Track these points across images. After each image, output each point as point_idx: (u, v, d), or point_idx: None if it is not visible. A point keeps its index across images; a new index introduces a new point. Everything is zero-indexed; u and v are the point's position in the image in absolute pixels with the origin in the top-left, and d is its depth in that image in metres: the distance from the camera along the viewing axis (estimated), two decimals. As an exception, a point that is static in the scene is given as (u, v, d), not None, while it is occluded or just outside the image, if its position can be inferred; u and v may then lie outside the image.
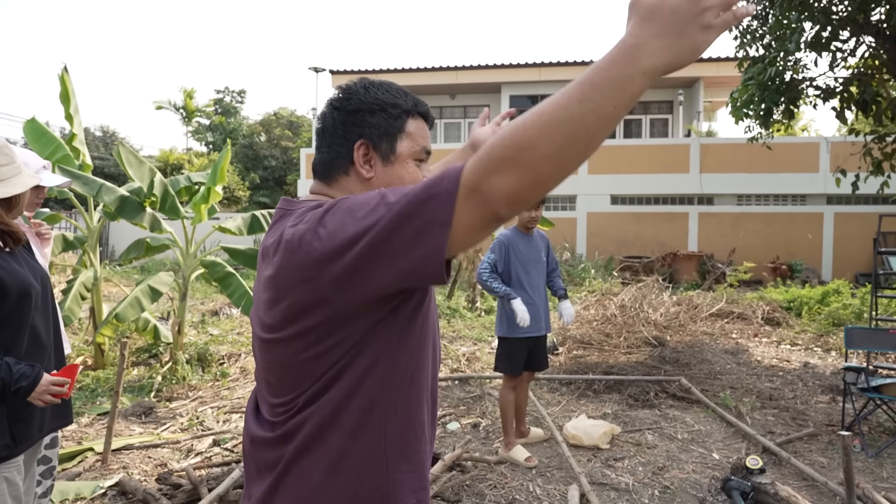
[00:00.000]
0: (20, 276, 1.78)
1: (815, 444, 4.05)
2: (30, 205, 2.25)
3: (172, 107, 24.77)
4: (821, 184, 14.15)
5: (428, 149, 1.12)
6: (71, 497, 2.92)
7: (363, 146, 1.06)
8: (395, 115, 1.07)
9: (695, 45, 0.75)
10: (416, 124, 1.10)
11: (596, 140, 0.78)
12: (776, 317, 8.73)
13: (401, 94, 1.09)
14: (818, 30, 7.09)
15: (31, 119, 5.13)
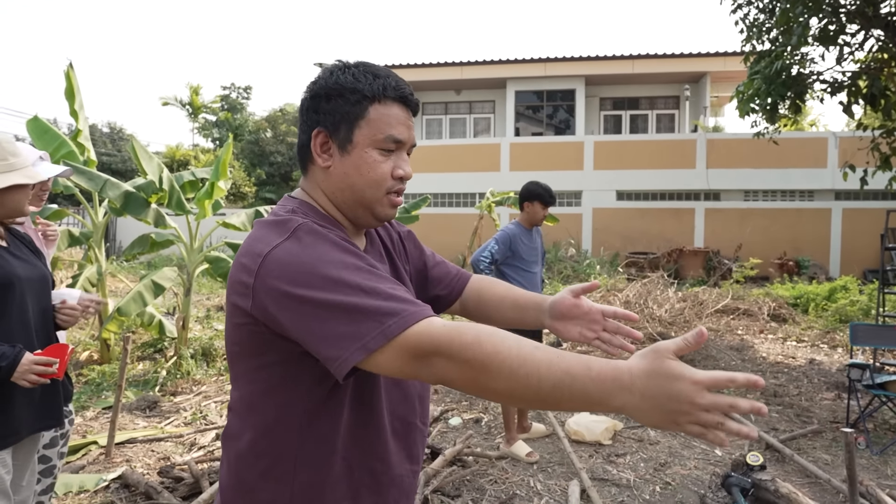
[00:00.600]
0: (4, 269, 1.79)
1: (819, 441, 4.03)
2: (34, 199, 2.27)
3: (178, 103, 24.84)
4: (829, 179, 14.04)
5: (396, 137, 1.00)
6: (75, 489, 2.94)
7: (320, 134, 1.01)
8: (354, 101, 0.99)
9: (675, 427, 0.76)
10: (382, 110, 0.99)
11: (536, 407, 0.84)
12: (782, 313, 8.68)
13: (367, 77, 1.00)
14: (826, 23, 7.03)
15: (34, 117, 5.15)
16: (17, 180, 1.81)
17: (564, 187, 15.26)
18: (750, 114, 7.89)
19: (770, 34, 7.60)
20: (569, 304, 1.15)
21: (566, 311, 1.16)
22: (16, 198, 1.85)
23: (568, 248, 14.48)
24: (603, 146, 15.68)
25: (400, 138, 1.01)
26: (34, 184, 1.97)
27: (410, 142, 1.04)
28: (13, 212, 1.88)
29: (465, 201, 16.25)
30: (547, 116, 18.23)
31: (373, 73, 1.01)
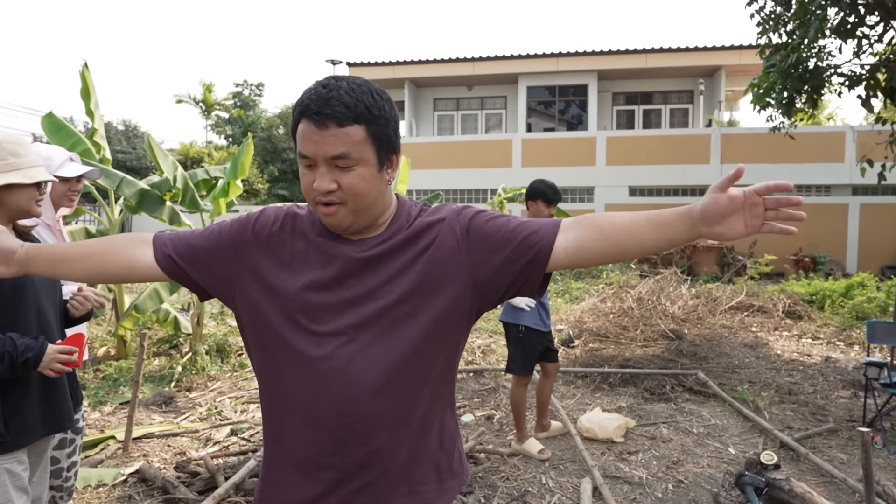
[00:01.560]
0: None
1: (834, 440, 3.99)
2: (62, 198, 2.29)
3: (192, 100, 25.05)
4: (846, 174, 13.84)
5: (302, 153, 1.03)
6: (93, 483, 3.00)
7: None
8: (295, 118, 1.05)
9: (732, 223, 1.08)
10: (302, 127, 1.03)
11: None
12: (798, 310, 8.58)
13: (304, 95, 1.03)
14: (844, 15, 6.91)
15: (48, 114, 5.21)
16: (12, 180, 1.78)
17: (576, 183, 15.19)
18: (766, 108, 7.79)
19: (786, 27, 7.48)
20: (724, 202, 1.07)
21: (724, 209, 1.07)
22: (17, 198, 1.82)
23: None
24: (615, 141, 15.58)
25: (305, 153, 1.03)
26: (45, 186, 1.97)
27: (318, 157, 1.02)
28: (18, 212, 1.86)
29: (476, 197, 16.23)
30: (559, 112, 18.13)
31: (310, 90, 1.03)
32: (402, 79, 17.91)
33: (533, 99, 17.93)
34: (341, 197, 1.04)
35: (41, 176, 1.87)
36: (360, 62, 17.90)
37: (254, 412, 4.40)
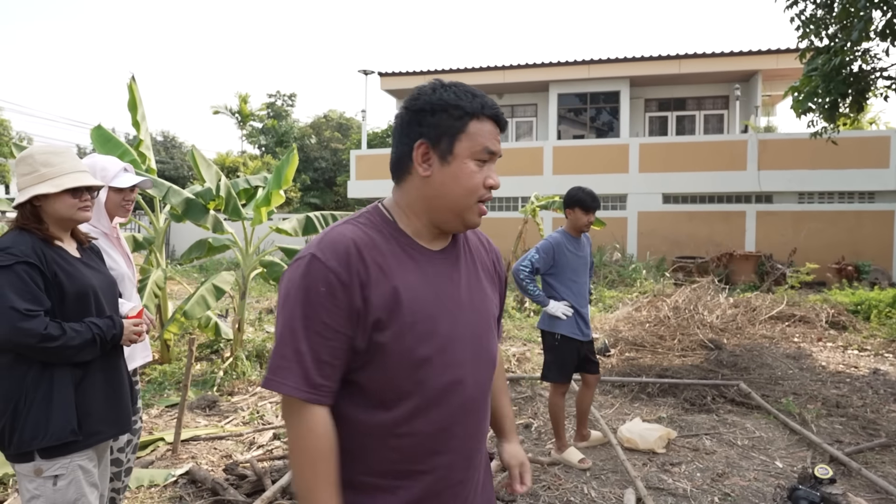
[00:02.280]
0: (79, 280, 1.88)
1: (888, 456, 3.85)
2: (118, 207, 2.39)
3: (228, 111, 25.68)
4: (891, 180, 13.38)
5: (491, 149, 1.12)
6: (145, 483, 3.09)
7: (423, 145, 1.10)
8: (457, 116, 1.09)
9: None
10: (480, 126, 1.10)
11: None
12: (842, 320, 8.31)
13: (467, 96, 1.11)
14: (890, 17, 6.73)
15: (97, 126, 5.42)
16: (40, 191, 1.83)
17: (609, 191, 15.04)
18: (807, 113, 7.62)
19: (828, 30, 7.32)
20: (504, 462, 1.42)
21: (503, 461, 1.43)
22: (55, 207, 1.87)
23: (613, 252, 14.25)
24: (648, 148, 15.38)
25: (493, 149, 1.13)
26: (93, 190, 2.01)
27: (500, 154, 1.16)
28: (63, 220, 1.91)
29: (508, 205, 16.21)
30: (590, 119, 18.01)
31: (471, 92, 1.13)
32: (432, 88, 18.05)
33: (563, 106, 17.86)
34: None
35: (70, 183, 1.88)
36: (392, 72, 18.11)
37: (294, 417, 4.48)
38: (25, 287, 1.74)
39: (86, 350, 1.82)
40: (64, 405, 1.78)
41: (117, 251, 2.39)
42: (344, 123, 28.36)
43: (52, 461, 1.79)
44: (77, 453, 1.82)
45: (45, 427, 1.75)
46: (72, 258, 1.91)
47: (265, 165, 22.99)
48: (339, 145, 26.24)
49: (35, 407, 1.76)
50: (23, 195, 1.84)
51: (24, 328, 1.70)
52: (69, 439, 1.78)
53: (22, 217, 1.85)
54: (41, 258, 1.79)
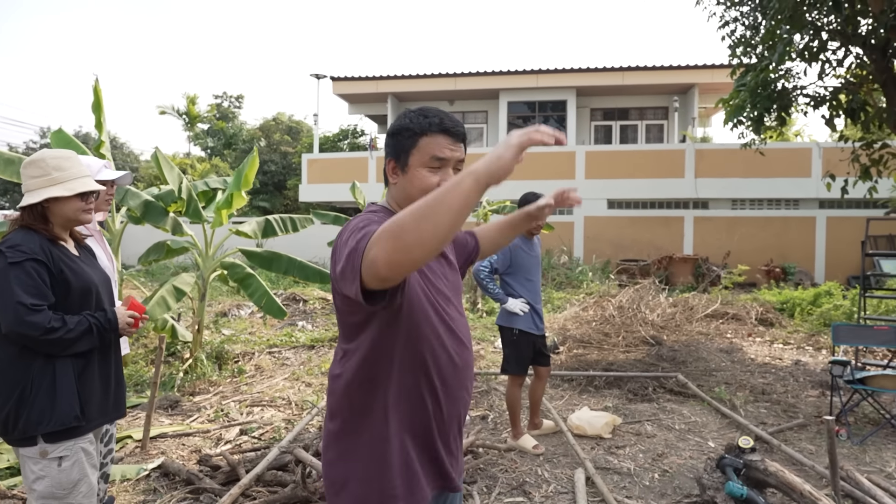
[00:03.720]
0: (83, 276, 2.02)
1: (804, 434, 4.32)
2: (101, 203, 2.49)
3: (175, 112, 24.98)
4: (813, 188, 14.48)
5: (439, 156, 1.38)
6: (117, 479, 3.15)
7: (391, 161, 1.44)
8: (408, 136, 1.39)
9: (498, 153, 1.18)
10: (430, 140, 1.38)
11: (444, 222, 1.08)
12: (769, 317, 9.01)
13: (418, 119, 1.39)
14: (808, 41, 7.41)
15: (58, 130, 5.35)
16: (54, 193, 1.97)
17: (557, 196, 15.59)
18: (737, 125, 8.25)
19: (756, 49, 7.97)
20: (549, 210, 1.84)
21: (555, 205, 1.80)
22: (63, 209, 2.01)
23: (561, 255, 14.79)
24: (594, 156, 16.06)
25: (441, 156, 1.39)
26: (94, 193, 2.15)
27: (453, 159, 1.40)
28: (68, 222, 2.05)
29: (459, 209, 16.53)
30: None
31: (423, 114, 1.40)
32: (385, 93, 18.22)
33: (513, 114, 18.38)
34: None
35: (82, 187, 2.04)
36: (344, 76, 18.16)
37: (259, 413, 4.58)
38: (33, 283, 1.85)
39: (83, 340, 1.94)
40: (68, 393, 1.90)
41: (101, 248, 2.49)
42: (294, 126, 28.06)
43: (57, 444, 1.90)
44: (81, 437, 1.94)
45: (51, 413, 1.87)
46: (74, 256, 2.03)
47: (213, 168, 22.50)
48: (289, 148, 25.94)
49: (41, 394, 1.87)
50: (34, 196, 1.95)
51: (30, 321, 1.81)
52: (73, 424, 1.90)
53: (29, 217, 1.96)
54: (48, 256, 1.91)
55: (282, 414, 4.58)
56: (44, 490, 1.87)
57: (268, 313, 5.61)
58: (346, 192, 14.18)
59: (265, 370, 5.95)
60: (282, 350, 6.80)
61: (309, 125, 27.55)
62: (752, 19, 7.90)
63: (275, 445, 3.44)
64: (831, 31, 7.21)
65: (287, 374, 5.78)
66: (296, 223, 6.13)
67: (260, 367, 6.04)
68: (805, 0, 6.73)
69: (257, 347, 6.73)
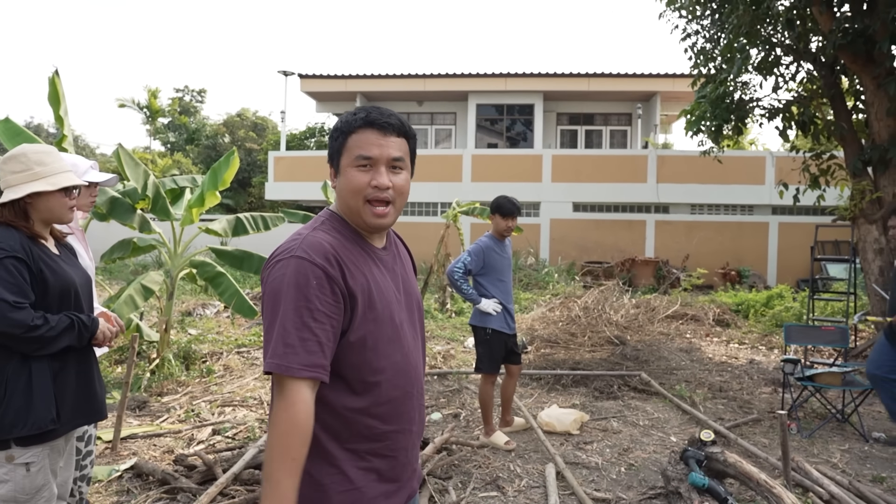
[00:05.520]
0: (62, 276, 2.00)
1: (758, 428, 4.56)
2: (85, 204, 2.47)
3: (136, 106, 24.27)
4: (767, 195, 15.12)
5: (365, 155, 1.26)
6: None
7: (330, 167, 1.35)
8: (336, 138, 1.31)
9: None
10: (357, 138, 1.27)
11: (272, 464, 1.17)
12: (726, 318, 9.40)
13: (346, 118, 1.31)
14: (763, 55, 7.78)
15: (5, 119, 5.15)
16: (37, 188, 1.93)
17: (523, 198, 15.84)
18: (697, 133, 8.60)
19: (715, 62, 8.33)
20: None
21: None
22: (47, 205, 1.98)
23: (528, 257, 15.03)
24: (560, 159, 16.38)
25: (368, 155, 1.27)
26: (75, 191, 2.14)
27: (382, 157, 1.27)
28: (52, 217, 2.02)
29: (428, 210, 16.62)
30: (506, 129, 18.85)
31: (353, 112, 1.31)
32: (354, 92, 18.15)
33: (482, 116, 18.57)
34: (392, 196, 1.29)
35: (66, 182, 2.01)
36: (312, 74, 18.01)
37: (231, 413, 4.55)
38: (14, 280, 1.83)
39: (64, 337, 1.92)
40: (45, 395, 1.87)
41: (83, 247, 2.47)
42: (259, 123, 27.65)
43: (27, 449, 1.88)
44: (51, 442, 1.93)
45: (26, 416, 1.83)
46: (54, 255, 2.01)
47: (175, 164, 21.96)
48: (254, 145, 25.56)
49: (16, 396, 1.84)
50: (15, 192, 1.91)
51: (13, 319, 1.80)
52: (49, 428, 1.87)
53: (10, 213, 1.92)
54: (28, 254, 1.88)
55: (255, 413, 4.56)
56: (5, 494, 1.84)
57: (238, 312, 5.57)
58: (313, 190, 14.08)
59: (234, 370, 5.90)
60: (251, 350, 6.75)
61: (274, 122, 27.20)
62: (712, 33, 8.24)
63: (250, 444, 3.44)
64: (785, 47, 7.61)
65: (257, 374, 5.75)
66: (267, 221, 6.10)
67: (229, 366, 5.98)
68: (761, 16, 7.07)
69: (225, 347, 6.66)
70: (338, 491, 1.25)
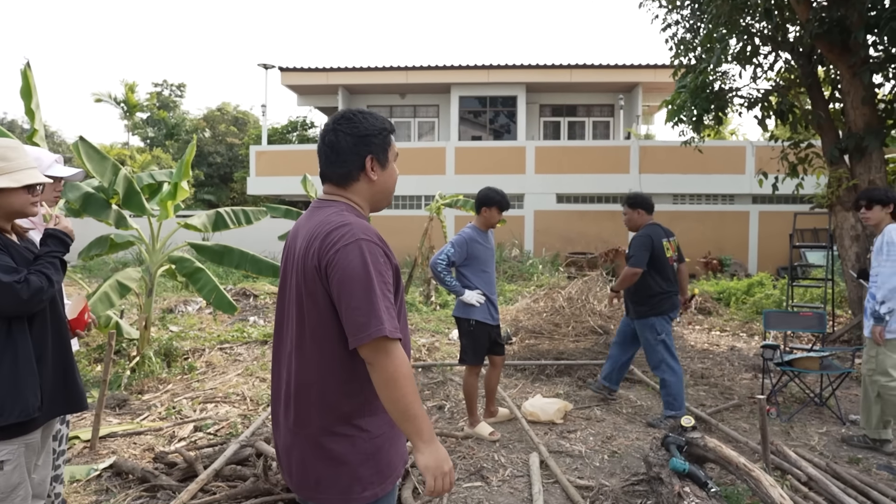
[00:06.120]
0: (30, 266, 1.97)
1: (739, 414, 4.62)
2: (49, 200, 2.41)
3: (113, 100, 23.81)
4: (747, 184, 15.30)
5: (397, 152, 1.65)
6: (66, 480, 3.05)
7: (371, 159, 1.55)
8: (386, 136, 1.58)
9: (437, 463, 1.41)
10: (392, 138, 1.61)
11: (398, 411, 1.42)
12: (707, 306, 9.51)
13: (384, 120, 1.59)
14: (742, 45, 7.83)
15: None
16: (1, 184, 1.89)
17: (507, 190, 15.53)
18: (678, 124, 8.65)
19: (695, 52, 8.37)
20: None
21: None
22: (10, 200, 1.94)
23: (512, 248, 15.06)
24: (543, 151, 16.41)
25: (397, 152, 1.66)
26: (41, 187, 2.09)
27: None
28: (13, 213, 1.97)
29: (411, 203, 16.56)
30: (489, 121, 18.82)
31: (382, 116, 1.61)
32: (335, 85, 17.99)
33: (464, 108, 18.52)
34: None
35: (30, 179, 1.97)
36: (293, 67, 17.80)
37: (212, 410, 4.50)
38: (4, 262, 1.82)
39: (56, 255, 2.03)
40: (32, 381, 1.85)
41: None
42: (240, 117, 27.28)
43: (1, 445, 1.84)
44: (30, 434, 1.89)
45: (13, 403, 1.81)
46: (22, 248, 1.97)
47: (155, 159, 21.62)
48: (236, 140, 25.24)
49: (2, 382, 1.81)
50: None
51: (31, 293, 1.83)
52: (34, 415, 1.85)
53: None
54: (2, 245, 1.86)
55: (237, 410, 4.52)
56: None
57: (218, 308, 5.51)
58: (295, 185, 13.94)
59: (217, 367, 5.84)
60: (233, 346, 6.68)
61: (255, 116, 26.89)
62: (692, 23, 8.28)
63: (232, 440, 3.41)
64: (763, 37, 7.67)
65: (240, 370, 5.70)
66: (249, 216, 6.03)
67: (211, 363, 5.92)
68: (739, 6, 7.11)
69: (207, 344, 6.59)
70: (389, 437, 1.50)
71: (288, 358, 1.51)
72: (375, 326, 1.34)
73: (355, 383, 1.45)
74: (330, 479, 1.44)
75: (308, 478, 1.47)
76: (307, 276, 1.44)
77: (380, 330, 1.34)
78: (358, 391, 1.46)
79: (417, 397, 1.40)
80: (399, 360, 1.38)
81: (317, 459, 1.45)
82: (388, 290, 1.41)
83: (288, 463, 1.52)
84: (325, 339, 1.44)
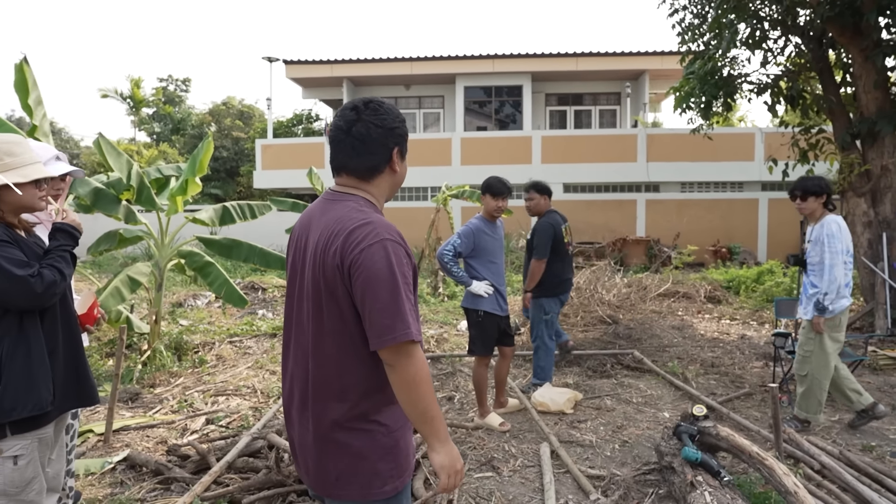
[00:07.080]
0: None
1: (750, 402, 4.60)
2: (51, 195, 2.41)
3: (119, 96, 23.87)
4: (756, 172, 15.15)
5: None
6: (81, 473, 3.09)
7: (397, 151, 1.55)
8: (405, 126, 1.59)
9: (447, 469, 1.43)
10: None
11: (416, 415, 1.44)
12: (717, 295, 9.45)
13: (400, 114, 1.59)
14: (752, 30, 7.72)
15: None
16: (10, 180, 1.89)
17: (513, 180, 15.59)
18: (686, 111, 8.55)
19: (703, 37, 8.26)
20: None
21: None
22: (17, 196, 1.94)
23: (519, 239, 15.02)
24: (549, 141, 16.31)
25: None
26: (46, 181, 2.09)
27: None
28: (20, 208, 1.98)
29: (417, 195, 16.54)
30: (494, 111, 18.72)
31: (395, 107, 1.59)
32: (340, 77, 17.94)
33: (470, 99, 18.42)
34: None
35: (36, 174, 1.97)
36: (297, 60, 17.76)
37: (224, 403, 4.53)
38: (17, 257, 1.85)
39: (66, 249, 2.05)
40: (44, 375, 1.86)
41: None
42: (245, 111, 27.28)
43: (14, 440, 1.85)
44: (43, 428, 1.91)
45: (26, 397, 1.82)
46: (31, 243, 1.98)
47: (161, 154, 21.69)
48: (241, 134, 25.25)
49: (15, 377, 1.82)
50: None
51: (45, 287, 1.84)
52: (48, 409, 1.86)
53: None
54: (12, 238, 1.87)
55: (248, 402, 4.55)
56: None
57: (228, 302, 5.53)
58: (301, 178, 13.95)
59: (227, 360, 5.87)
60: (243, 339, 6.72)
61: (261, 110, 26.87)
62: (700, 8, 8.16)
63: (244, 433, 3.43)
64: (772, 21, 7.55)
65: (250, 363, 5.73)
66: (254, 210, 6.03)
67: (221, 356, 5.95)
68: (749, -10, 7.00)
69: (217, 337, 6.62)
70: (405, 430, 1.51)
71: (303, 354, 1.48)
72: (402, 330, 1.34)
73: (374, 380, 1.44)
74: (350, 475, 1.43)
75: (327, 474, 1.45)
76: (327, 274, 1.40)
77: (407, 334, 1.34)
78: (376, 387, 1.45)
79: (435, 399, 1.42)
80: (420, 362, 1.38)
81: (336, 455, 1.43)
82: (410, 291, 1.40)
83: (304, 459, 1.50)
84: (343, 336, 1.41)
